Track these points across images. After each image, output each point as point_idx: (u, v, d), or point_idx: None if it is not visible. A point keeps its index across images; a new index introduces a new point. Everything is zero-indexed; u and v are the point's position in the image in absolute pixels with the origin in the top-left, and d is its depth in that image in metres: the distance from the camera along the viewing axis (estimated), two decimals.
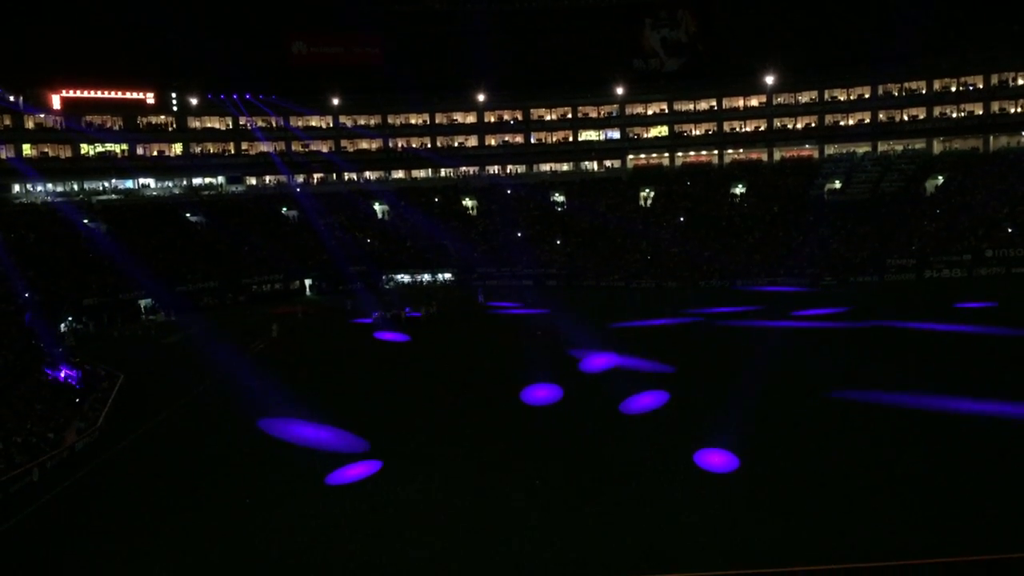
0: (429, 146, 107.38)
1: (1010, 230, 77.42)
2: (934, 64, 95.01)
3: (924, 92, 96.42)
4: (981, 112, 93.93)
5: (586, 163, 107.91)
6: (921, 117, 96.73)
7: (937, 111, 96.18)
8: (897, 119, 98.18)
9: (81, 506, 30.20)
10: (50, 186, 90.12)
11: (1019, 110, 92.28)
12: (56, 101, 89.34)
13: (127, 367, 50.12)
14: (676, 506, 26.87)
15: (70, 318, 66.85)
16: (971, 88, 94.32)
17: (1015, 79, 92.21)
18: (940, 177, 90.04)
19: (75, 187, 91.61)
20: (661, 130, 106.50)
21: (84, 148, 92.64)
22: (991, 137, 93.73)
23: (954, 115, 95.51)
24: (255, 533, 26.70)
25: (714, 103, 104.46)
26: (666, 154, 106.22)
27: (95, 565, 25.15)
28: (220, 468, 33.23)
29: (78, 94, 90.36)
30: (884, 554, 21.92)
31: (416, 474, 30.89)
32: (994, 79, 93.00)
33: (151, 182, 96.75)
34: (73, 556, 25.86)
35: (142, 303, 74.68)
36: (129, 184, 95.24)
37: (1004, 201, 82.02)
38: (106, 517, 28.81)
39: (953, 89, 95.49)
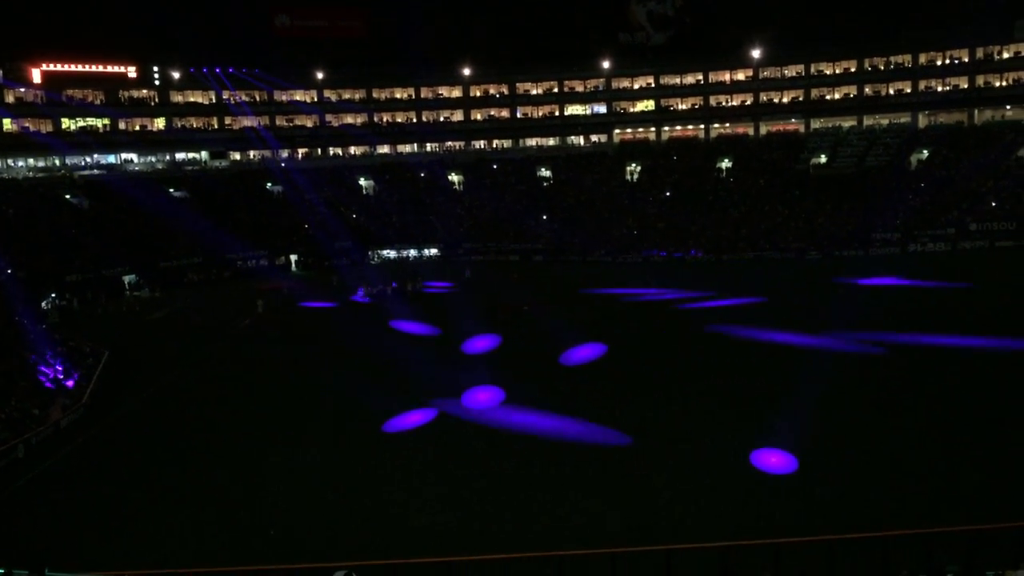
0: (414, 120, 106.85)
1: (994, 204, 77.80)
2: (919, 38, 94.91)
3: (909, 66, 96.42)
4: (966, 86, 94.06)
5: (572, 138, 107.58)
6: (906, 91, 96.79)
7: (922, 85, 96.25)
8: (883, 93, 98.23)
9: (67, 483, 30.18)
10: (31, 161, 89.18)
11: (1004, 84, 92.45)
12: (37, 75, 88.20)
13: (112, 343, 49.99)
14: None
15: (53, 295, 66.40)
16: (956, 62, 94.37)
17: (1000, 53, 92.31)
18: (925, 151, 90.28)
19: (57, 162, 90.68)
20: (647, 104, 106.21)
21: (65, 123, 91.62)
22: (976, 111, 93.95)
23: (939, 89, 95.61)
24: (241, 509, 26.78)
25: (700, 77, 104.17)
26: (652, 128, 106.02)
27: (81, 542, 25.14)
28: (205, 444, 33.24)
29: (59, 68, 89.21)
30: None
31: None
32: (979, 53, 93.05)
33: (134, 157, 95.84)
34: (59, 533, 25.86)
35: (126, 279, 74.27)
36: (112, 159, 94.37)
37: (988, 175, 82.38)
38: (92, 494, 28.82)
39: (938, 63, 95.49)
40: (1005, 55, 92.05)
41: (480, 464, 29.42)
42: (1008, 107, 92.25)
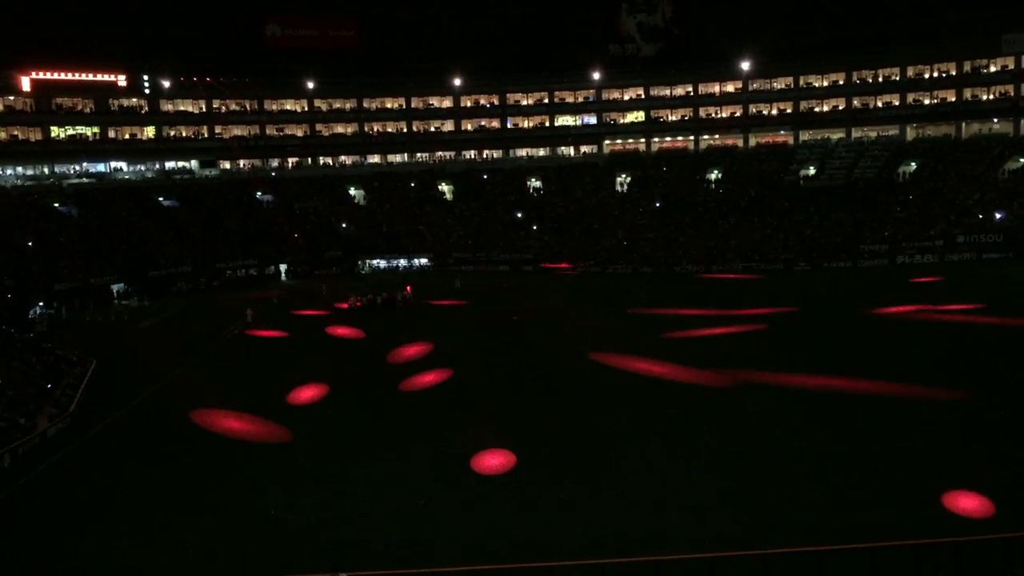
0: (405, 131, 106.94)
1: (981, 216, 78.24)
2: (907, 51, 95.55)
3: (897, 79, 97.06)
4: (954, 99, 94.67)
5: (562, 148, 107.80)
6: (895, 104, 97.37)
7: (910, 98, 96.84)
8: (871, 105, 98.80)
9: (53, 493, 29.95)
10: (20, 169, 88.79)
11: (991, 97, 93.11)
12: (26, 83, 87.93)
13: (100, 352, 49.73)
14: None
15: (41, 303, 66.02)
16: (944, 75, 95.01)
17: (987, 66, 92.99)
18: (913, 163, 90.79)
19: (46, 170, 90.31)
20: (637, 115, 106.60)
21: (54, 131, 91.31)
22: (963, 124, 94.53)
23: (927, 102, 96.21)
24: (229, 519, 26.64)
25: (690, 89, 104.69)
26: (642, 139, 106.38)
27: (67, 552, 24.95)
28: (193, 455, 33.06)
29: (48, 76, 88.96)
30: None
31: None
32: (967, 66, 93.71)
33: (123, 166, 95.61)
34: (45, 543, 25.64)
35: (114, 288, 73.90)
36: (101, 168, 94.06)
37: (975, 187, 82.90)
38: (78, 504, 28.59)
39: (926, 76, 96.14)
40: (992, 68, 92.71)
41: None
42: (995, 120, 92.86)
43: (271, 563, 23.34)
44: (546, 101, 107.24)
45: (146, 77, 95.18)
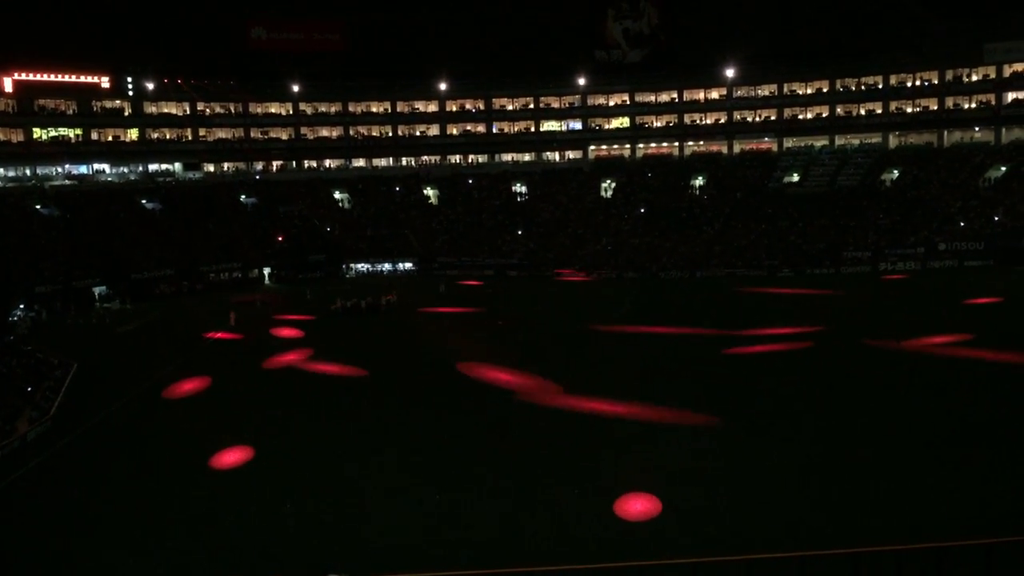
0: (390, 134, 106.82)
1: (962, 224, 78.84)
2: (890, 59, 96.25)
3: (880, 87, 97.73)
4: (936, 107, 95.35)
5: (548, 154, 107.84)
6: (877, 112, 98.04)
7: (893, 106, 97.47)
8: (854, 113, 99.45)
9: (33, 496, 29.73)
10: (1, 171, 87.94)
11: (972, 106, 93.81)
12: (8, 84, 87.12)
13: (81, 356, 49.38)
14: None
15: (22, 306, 65.49)
16: (927, 84, 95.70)
17: (969, 75, 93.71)
18: (895, 171, 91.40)
19: (27, 172, 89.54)
20: (623, 121, 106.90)
21: (37, 132, 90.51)
22: (945, 132, 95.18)
23: (909, 110, 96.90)
24: (211, 522, 26.51)
25: (675, 95, 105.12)
26: (627, 145, 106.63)
27: (48, 555, 24.77)
28: (174, 458, 32.86)
29: (30, 77, 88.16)
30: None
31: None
32: (949, 75, 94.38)
33: (106, 168, 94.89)
34: (25, 546, 25.46)
35: (96, 291, 73.38)
36: (83, 169, 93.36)
37: (957, 195, 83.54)
38: (58, 507, 28.39)
39: (909, 84, 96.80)
40: (974, 77, 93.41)
41: None
42: (977, 129, 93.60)
43: (257, 566, 23.23)
44: (532, 106, 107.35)
45: (130, 79, 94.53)
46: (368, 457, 31.94)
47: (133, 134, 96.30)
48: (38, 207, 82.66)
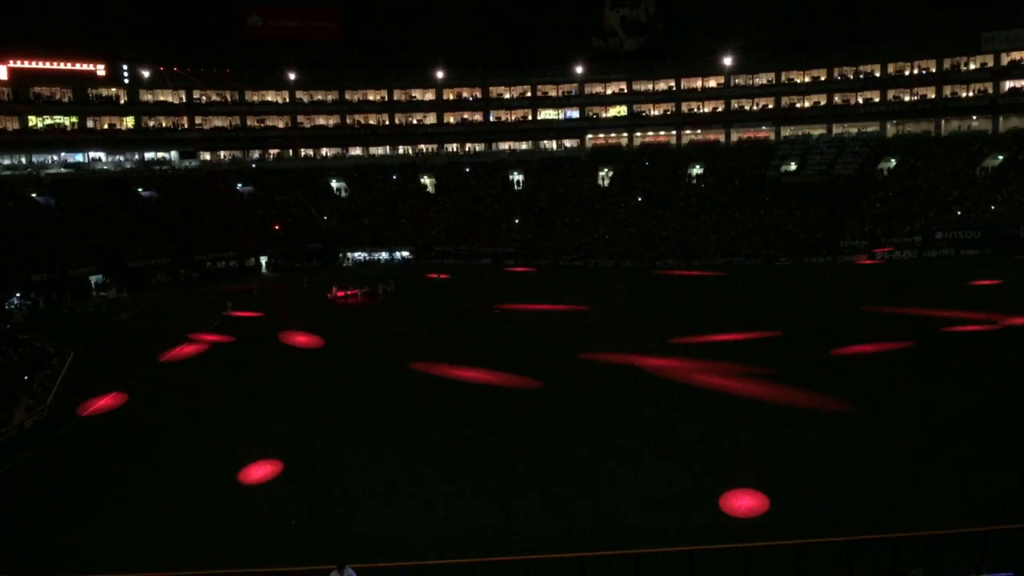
0: (387, 123, 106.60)
1: (959, 212, 78.88)
2: (888, 48, 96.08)
3: (878, 75, 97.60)
4: (933, 96, 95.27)
5: (545, 142, 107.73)
6: (875, 100, 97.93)
7: (891, 95, 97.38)
8: (852, 102, 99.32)
9: (30, 485, 29.75)
10: None
11: (970, 95, 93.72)
12: (3, 71, 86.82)
13: (78, 344, 49.37)
14: None
15: (18, 294, 65.45)
16: (924, 72, 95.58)
17: (966, 64, 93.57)
18: (893, 160, 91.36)
19: (23, 160, 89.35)
20: (620, 110, 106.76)
21: (32, 120, 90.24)
22: (943, 121, 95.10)
23: (907, 99, 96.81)
24: (208, 511, 26.54)
25: (672, 84, 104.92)
26: (625, 134, 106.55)
27: (44, 544, 24.79)
28: (170, 447, 32.88)
29: (26, 64, 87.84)
30: None
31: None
32: (946, 63, 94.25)
33: (102, 156, 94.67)
34: (22, 535, 25.48)
35: (93, 279, 73.34)
36: (79, 158, 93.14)
37: (954, 184, 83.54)
38: (55, 496, 28.42)
39: (906, 73, 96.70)
40: (972, 66, 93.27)
41: None
42: (974, 117, 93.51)
43: (259, 556, 23.27)
44: (529, 95, 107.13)
45: (125, 67, 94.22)
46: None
47: (129, 122, 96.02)
48: (34, 195, 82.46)
